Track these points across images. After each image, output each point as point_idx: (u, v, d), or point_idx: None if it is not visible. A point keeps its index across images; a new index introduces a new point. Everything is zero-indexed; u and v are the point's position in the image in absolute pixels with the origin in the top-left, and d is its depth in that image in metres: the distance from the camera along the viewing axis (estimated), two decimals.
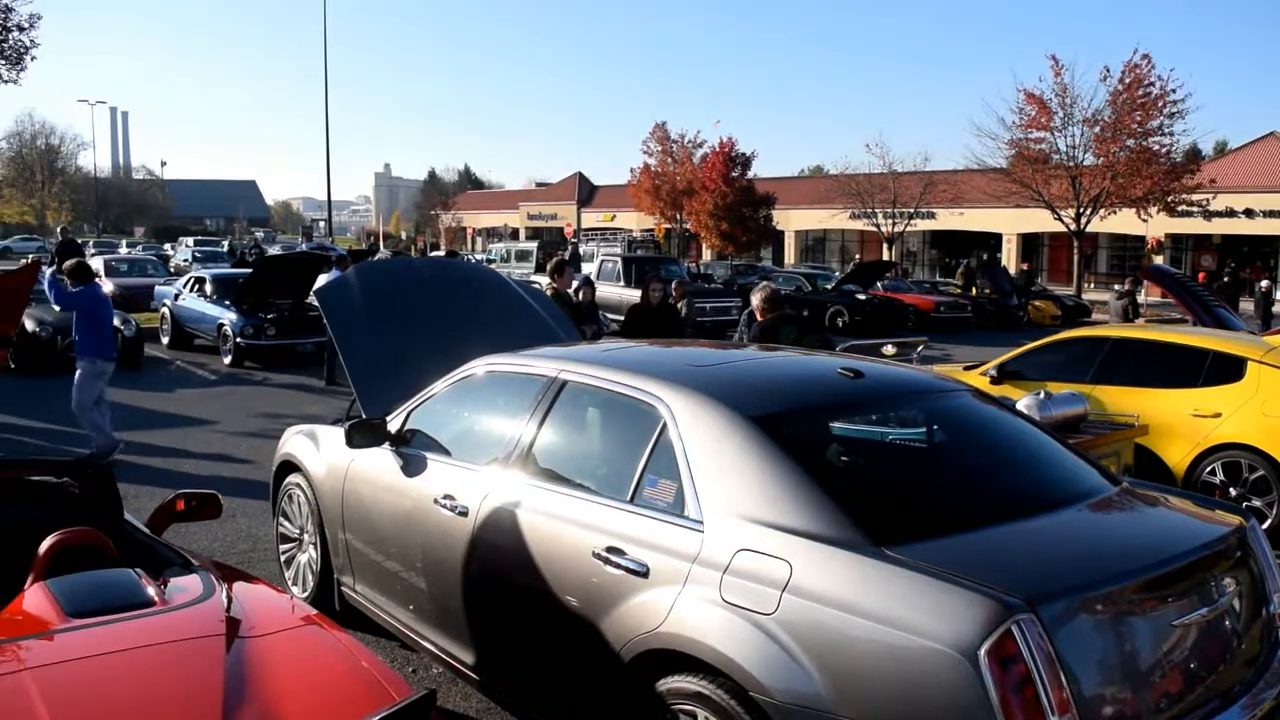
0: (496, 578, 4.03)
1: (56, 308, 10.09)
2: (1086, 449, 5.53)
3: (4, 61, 26.55)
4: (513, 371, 4.52)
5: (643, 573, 3.32)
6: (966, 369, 9.59)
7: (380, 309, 6.01)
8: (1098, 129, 34.63)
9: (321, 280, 18.90)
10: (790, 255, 57.39)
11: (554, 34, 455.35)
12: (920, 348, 10.38)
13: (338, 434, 5.18)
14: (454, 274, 7.46)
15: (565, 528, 3.68)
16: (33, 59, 26.74)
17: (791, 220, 55.02)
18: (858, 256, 47.42)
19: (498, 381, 4.61)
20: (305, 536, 5.66)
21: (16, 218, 77.39)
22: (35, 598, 2.95)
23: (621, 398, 3.87)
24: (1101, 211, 35.30)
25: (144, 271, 26.15)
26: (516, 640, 4.00)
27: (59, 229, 46.15)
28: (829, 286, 28.16)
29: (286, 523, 5.88)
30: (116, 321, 15.78)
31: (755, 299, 8.47)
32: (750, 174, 46.35)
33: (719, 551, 3.16)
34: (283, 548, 5.94)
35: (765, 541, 3.08)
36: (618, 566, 3.40)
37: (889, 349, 9.45)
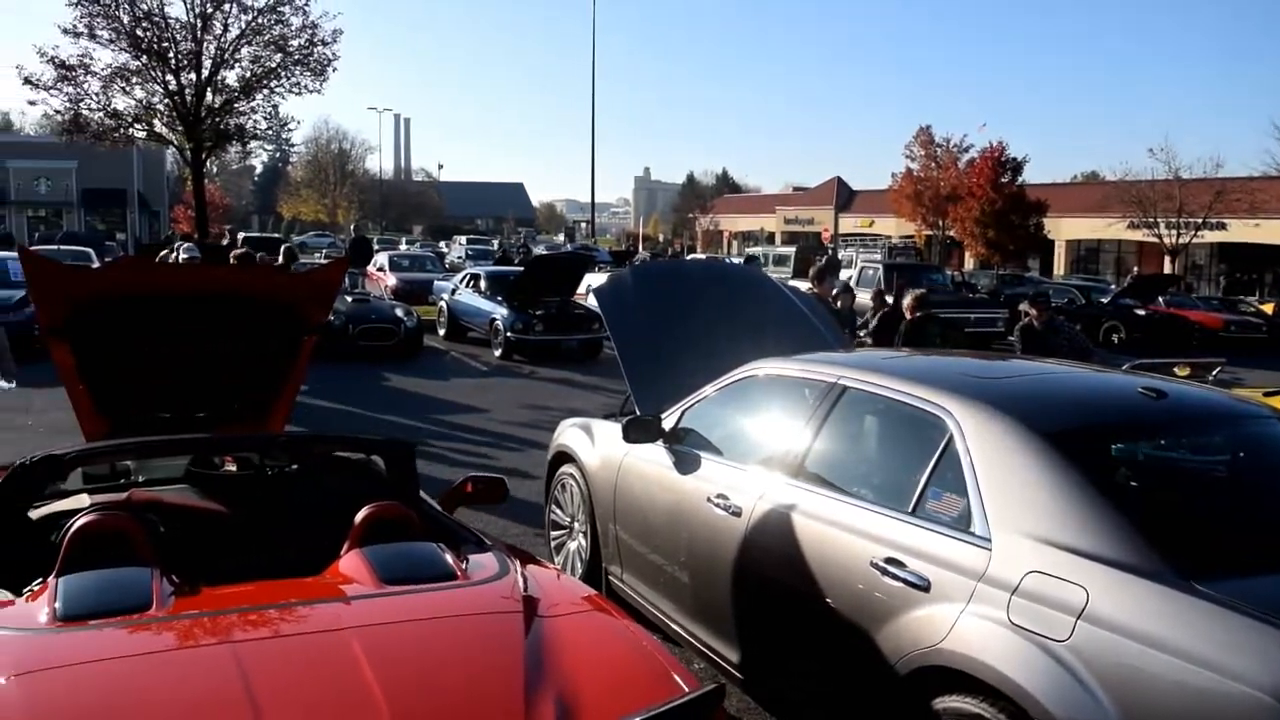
0: (767, 579, 4.05)
1: None
2: None
3: (310, 73, 29.08)
4: (792, 376, 4.53)
5: (923, 586, 3.26)
6: (1266, 395, 8.83)
7: (655, 309, 6.15)
8: None
9: (589, 280, 19.59)
10: (1060, 266, 54.37)
11: (814, 36, 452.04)
12: (1217, 370, 9.61)
13: (613, 429, 5.35)
14: (727, 277, 7.56)
15: (842, 535, 3.66)
16: (334, 70, 29.15)
17: (1062, 229, 52.09)
18: (1135, 269, 44.39)
19: (775, 385, 4.62)
20: (576, 525, 5.87)
21: (311, 215, 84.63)
22: (352, 563, 3.21)
23: (904, 407, 3.80)
24: None
25: (423, 267, 28.02)
26: (784, 642, 4.01)
27: (351, 225, 49.77)
28: (1104, 300, 26.53)
29: (558, 510, 6.12)
30: (399, 312, 17.05)
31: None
32: (1020, 180, 44.33)
33: (1008, 571, 3.06)
34: (554, 535, 6.19)
35: (1059, 564, 2.95)
36: (896, 578, 3.35)
37: (1181, 369, 8.81)
